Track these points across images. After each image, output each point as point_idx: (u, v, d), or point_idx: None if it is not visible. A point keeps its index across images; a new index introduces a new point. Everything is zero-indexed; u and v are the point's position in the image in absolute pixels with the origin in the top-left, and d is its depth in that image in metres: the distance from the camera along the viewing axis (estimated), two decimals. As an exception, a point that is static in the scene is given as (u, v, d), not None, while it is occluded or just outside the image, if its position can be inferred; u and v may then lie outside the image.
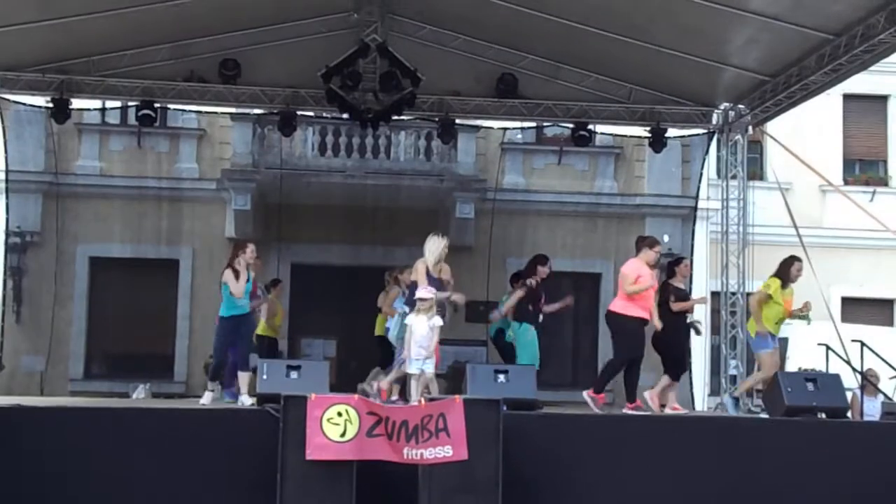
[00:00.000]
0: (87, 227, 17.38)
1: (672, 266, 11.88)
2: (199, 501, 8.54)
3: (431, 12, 13.58)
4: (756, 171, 18.84)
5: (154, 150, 17.92)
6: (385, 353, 12.11)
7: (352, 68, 13.14)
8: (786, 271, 11.37)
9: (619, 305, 10.84)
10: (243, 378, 10.70)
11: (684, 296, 11.91)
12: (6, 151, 16.25)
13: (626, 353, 10.83)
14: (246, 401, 10.40)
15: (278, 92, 14.61)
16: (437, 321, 10.41)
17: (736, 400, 11.97)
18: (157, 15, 12.74)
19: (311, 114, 15.93)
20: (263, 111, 15.70)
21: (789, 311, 11.35)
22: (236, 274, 10.63)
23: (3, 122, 15.69)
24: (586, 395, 10.75)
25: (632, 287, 10.68)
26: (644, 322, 10.82)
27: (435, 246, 10.72)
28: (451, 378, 13.22)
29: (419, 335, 10.23)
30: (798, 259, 11.55)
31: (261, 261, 12.65)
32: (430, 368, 10.25)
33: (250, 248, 10.87)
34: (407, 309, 10.81)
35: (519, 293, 12.00)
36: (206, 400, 10.67)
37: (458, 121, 15.32)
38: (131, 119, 15.99)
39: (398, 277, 12.29)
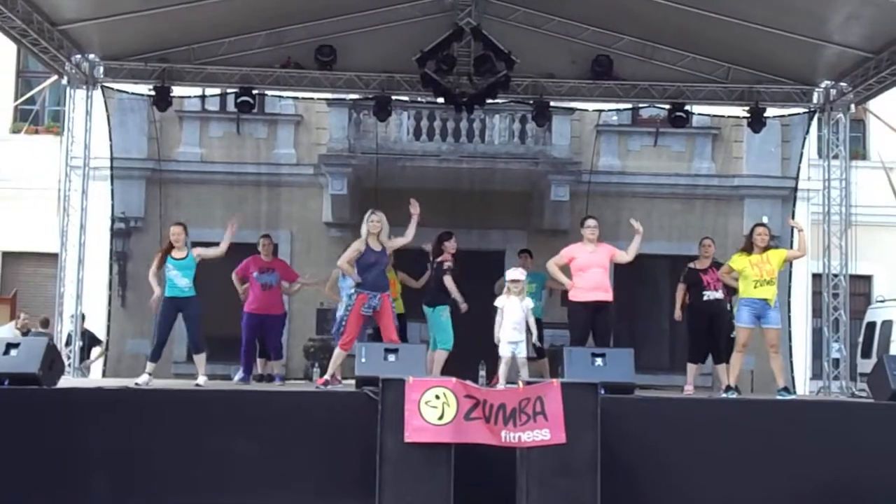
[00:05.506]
0: (189, 212, 17.57)
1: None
2: (299, 483, 8.70)
3: (525, -6, 13.55)
4: (858, 150, 18.41)
5: (252, 136, 18.19)
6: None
7: (446, 52, 13.18)
8: (748, 241, 11.00)
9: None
10: (198, 359, 11.27)
11: (695, 279, 11.70)
12: (111, 139, 16.56)
13: (571, 340, 10.79)
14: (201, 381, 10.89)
15: (373, 77, 14.69)
16: (529, 302, 10.36)
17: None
18: (254, 3, 12.95)
19: (406, 98, 15.99)
20: (359, 96, 15.77)
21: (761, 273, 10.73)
22: (163, 256, 11.19)
23: (107, 111, 16.06)
24: None
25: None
26: (585, 304, 10.65)
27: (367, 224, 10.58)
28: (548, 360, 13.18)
29: (513, 318, 10.17)
30: (760, 224, 11.21)
31: (269, 240, 13.26)
32: (522, 352, 10.22)
33: (171, 229, 11.55)
34: (352, 290, 10.54)
35: (447, 278, 11.46)
36: (141, 380, 10.67)
37: (552, 103, 15.18)
38: (230, 106, 16.21)
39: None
